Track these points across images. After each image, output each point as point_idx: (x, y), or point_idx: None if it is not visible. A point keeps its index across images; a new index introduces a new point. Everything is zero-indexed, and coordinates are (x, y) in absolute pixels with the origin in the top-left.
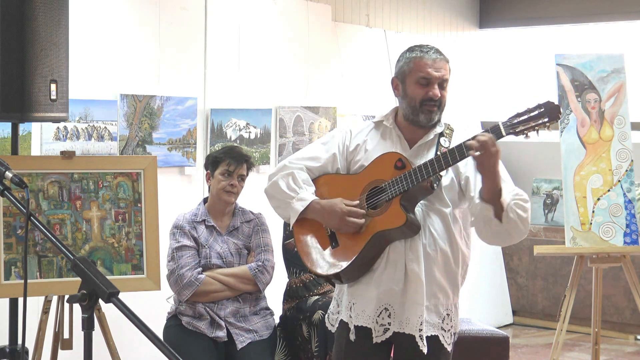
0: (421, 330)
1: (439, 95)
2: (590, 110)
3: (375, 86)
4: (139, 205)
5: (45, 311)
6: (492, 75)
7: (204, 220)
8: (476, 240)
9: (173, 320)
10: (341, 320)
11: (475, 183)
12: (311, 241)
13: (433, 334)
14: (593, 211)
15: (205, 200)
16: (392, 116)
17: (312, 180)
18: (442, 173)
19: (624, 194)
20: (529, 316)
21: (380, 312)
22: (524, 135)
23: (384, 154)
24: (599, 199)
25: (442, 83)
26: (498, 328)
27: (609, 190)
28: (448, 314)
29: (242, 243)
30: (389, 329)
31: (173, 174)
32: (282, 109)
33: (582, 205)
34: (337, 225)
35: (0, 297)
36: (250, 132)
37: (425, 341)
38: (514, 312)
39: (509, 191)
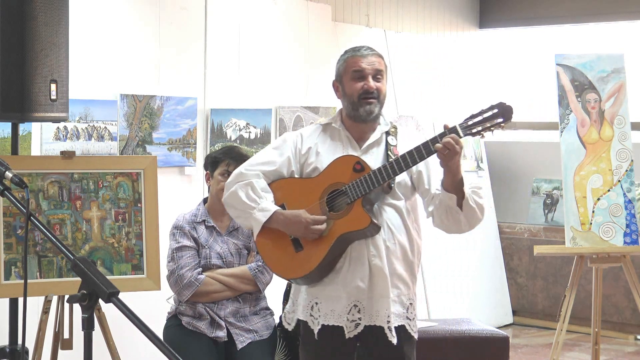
0: (389, 322)
1: (374, 87)
2: (590, 110)
3: None
4: (139, 205)
5: (45, 311)
6: (492, 75)
7: (204, 221)
8: (476, 241)
9: (173, 320)
10: (298, 319)
11: (429, 176)
12: (275, 245)
13: (400, 324)
14: (593, 211)
15: (205, 201)
16: (339, 118)
17: (268, 184)
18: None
19: (624, 194)
20: (529, 316)
21: (350, 309)
22: (480, 136)
23: (341, 157)
24: (599, 199)
25: (377, 75)
26: (498, 328)
27: (609, 190)
28: (411, 303)
29: (242, 243)
30: (359, 323)
31: (173, 174)
32: (282, 109)
33: (582, 205)
34: (302, 234)
35: (0, 297)
36: (250, 132)
37: (394, 332)
38: (514, 312)
39: (466, 181)
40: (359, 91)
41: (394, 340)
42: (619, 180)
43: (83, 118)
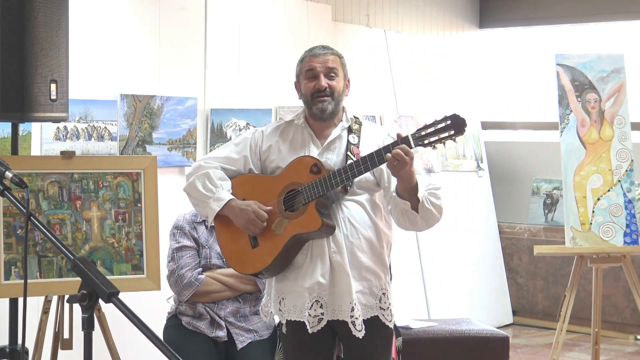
0: (353, 316)
1: (325, 85)
2: (590, 110)
3: (375, 86)
4: (139, 205)
5: (45, 311)
6: (492, 75)
7: (204, 221)
8: (476, 241)
9: (173, 320)
10: (271, 312)
11: (389, 175)
12: (232, 240)
13: (373, 315)
14: (593, 211)
15: None
16: (303, 115)
17: (233, 179)
18: None
19: (624, 194)
20: (529, 316)
21: (312, 305)
22: (432, 147)
23: (300, 158)
24: (599, 199)
25: (329, 73)
26: (498, 328)
27: (609, 190)
28: (384, 293)
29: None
30: (322, 318)
31: (173, 174)
32: (282, 109)
33: (582, 205)
34: (243, 224)
35: (0, 297)
36: None
37: (359, 326)
38: (514, 312)
39: (423, 183)
40: (311, 90)
41: (359, 334)
42: (619, 180)
43: (83, 118)
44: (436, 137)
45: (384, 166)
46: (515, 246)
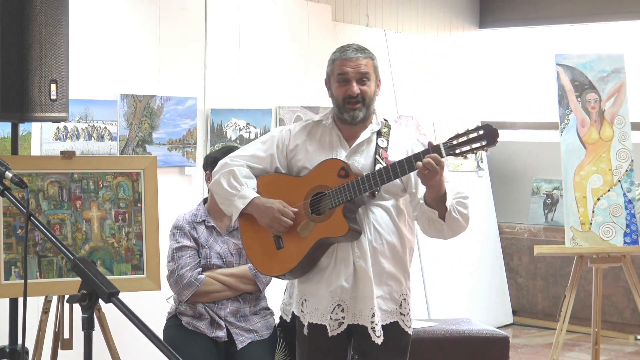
0: (373, 322)
1: (357, 91)
2: (590, 110)
3: None
4: (139, 205)
5: (45, 311)
6: (492, 75)
7: (204, 221)
8: (476, 241)
9: (173, 320)
10: (293, 312)
11: (417, 181)
12: (257, 240)
13: (392, 320)
14: (593, 211)
15: (205, 201)
16: (331, 115)
17: (259, 177)
18: None
19: (624, 194)
20: (529, 316)
21: (334, 309)
22: (463, 157)
23: (328, 160)
24: (599, 199)
25: (362, 78)
26: (498, 328)
27: (609, 190)
28: (404, 299)
29: (242, 243)
30: (343, 322)
31: (173, 174)
32: (282, 109)
33: (582, 205)
34: (267, 222)
35: (0, 297)
36: (250, 132)
37: (378, 332)
38: (514, 312)
39: (452, 190)
40: (342, 95)
41: (378, 340)
42: (619, 180)
43: (83, 118)
44: (468, 147)
45: (412, 173)
46: (515, 246)
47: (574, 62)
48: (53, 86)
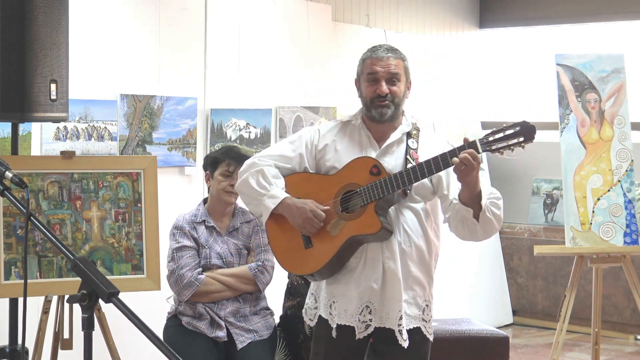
0: (400, 325)
1: (386, 91)
2: (590, 110)
3: None
4: (139, 205)
5: (45, 311)
6: (492, 75)
7: (204, 221)
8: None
9: (173, 320)
10: (320, 315)
11: (449, 182)
12: (285, 240)
13: (415, 326)
14: (593, 211)
15: (205, 201)
16: (360, 116)
17: (287, 177)
18: None
19: (624, 194)
20: (529, 316)
21: (362, 310)
22: (499, 153)
23: (359, 158)
24: (599, 199)
25: (392, 79)
26: (498, 328)
27: (609, 190)
28: (427, 305)
29: (242, 243)
30: (370, 324)
31: (173, 174)
32: (282, 109)
33: (582, 205)
34: (300, 223)
35: (0, 297)
36: (250, 132)
37: (405, 335)
38: (514, 312)
39: (485, 191)
40: (371, 95)
41: (405, 344)
42: (619, 180)
43: (83, 118)
44: (505, 143)
45: (442, 173)
46: (515, 246)
47: (574, 62)
48: (53, 86)
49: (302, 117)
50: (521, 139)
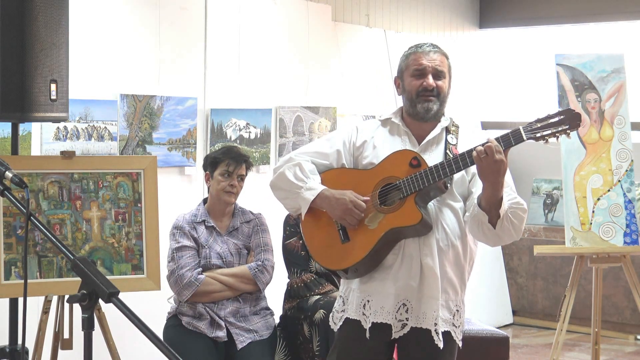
0: (436, 325)
1: (433, 84)
2: (590, 110)
3: (375, 86)
4: (139, 205)
5: (45, 311)
6: (492, 75)
7: (204, 221)
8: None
9: (173, 320)
10: (347, 318)
11: (477, 182)
12: (320, 234)
13: (446, 329)
14: (593, 211)
15: (205, 201)
16: (400, 113)
17: (323, 173)
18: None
19: (624, 194)
20: (529, 316)
21: (399, 308)
22: (544, 141)
23: (399, 151)
24: (599, 199)
25: (438, 74)
26: (498, 328)
27: (609, 190)
28: (458, 310)
29: (242, 243)
30: (406, 324)
31: (173, 174)
32: (282, 109)
33: (582, 205)
34: (340, 214)
35: (0, 297)
36: (250, 132)
37: (441, 335)
38: (514, 312)
39: (508, 199)
40: (417, 88)
41: (441, 345)
42: (619, 180)
43: (83, 118)
44: (550, 131)
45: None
46: (515, 246)
47: (574, 62)
48: (53, 86)
49: (302, 117)
50: (566, 126)
